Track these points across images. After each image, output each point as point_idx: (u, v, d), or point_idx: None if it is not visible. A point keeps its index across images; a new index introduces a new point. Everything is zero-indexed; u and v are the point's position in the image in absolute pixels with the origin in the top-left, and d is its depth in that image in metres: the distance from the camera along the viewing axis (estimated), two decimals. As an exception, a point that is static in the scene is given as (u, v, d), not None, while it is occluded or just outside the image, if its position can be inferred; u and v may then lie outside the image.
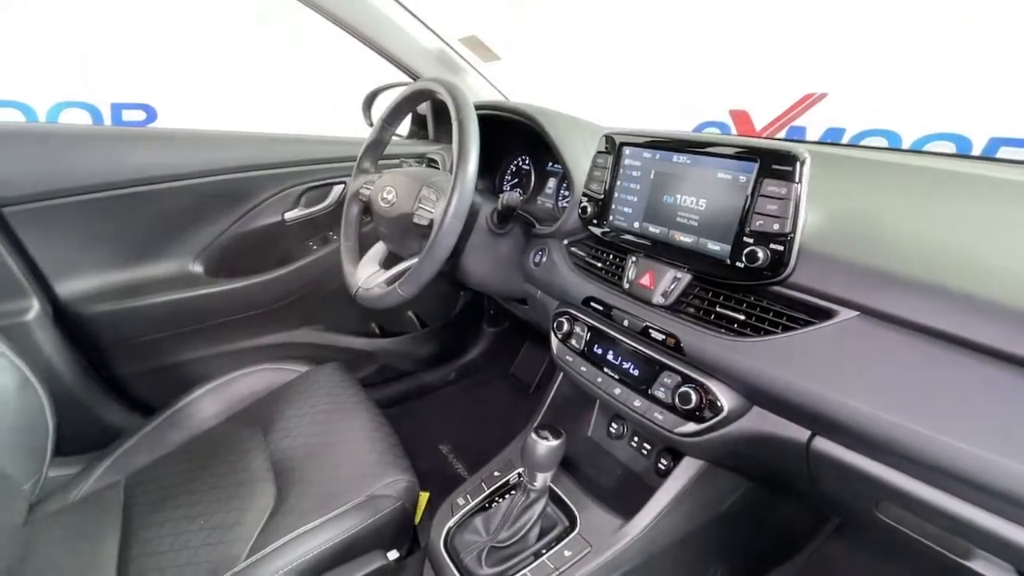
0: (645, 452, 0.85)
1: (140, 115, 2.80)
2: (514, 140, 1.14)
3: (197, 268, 1.14)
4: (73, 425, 0.89)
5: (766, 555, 0.93)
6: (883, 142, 2.37)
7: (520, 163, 1.18)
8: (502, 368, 1.66)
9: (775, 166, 0.55)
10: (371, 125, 1.30)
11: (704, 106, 3.04)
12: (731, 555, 0.85)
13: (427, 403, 1.53)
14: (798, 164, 0.53)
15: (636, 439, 0.86)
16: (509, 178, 1.22)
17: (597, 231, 0.76)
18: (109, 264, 1.05)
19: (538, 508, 0.68)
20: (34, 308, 0.94)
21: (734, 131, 3.08)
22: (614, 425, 0.89)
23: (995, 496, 0.42)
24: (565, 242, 0.86)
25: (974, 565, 0.48)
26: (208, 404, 1.03)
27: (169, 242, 1.10)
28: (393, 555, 0.73)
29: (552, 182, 1.12)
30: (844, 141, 2.70)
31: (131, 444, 0.97)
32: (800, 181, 0.53)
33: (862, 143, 2.33)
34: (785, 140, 1.21)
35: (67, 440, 0.86)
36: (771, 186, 0.55)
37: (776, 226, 0.55)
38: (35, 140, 0.95)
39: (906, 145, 2.31)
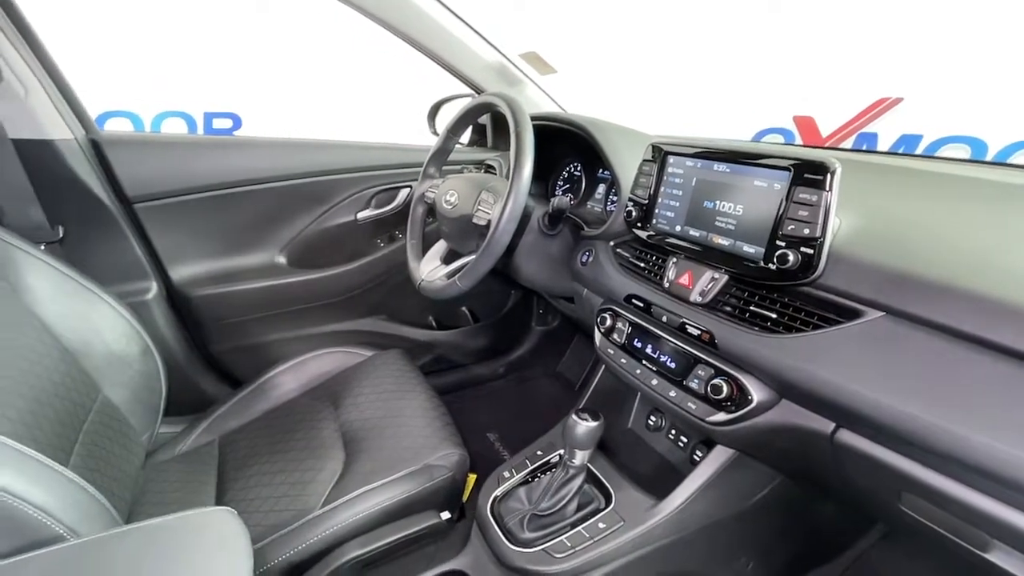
0: (681, 444, 0.89)
1: (228, 123, 3.13)
2: (567, 148, 1.21)
3: (281, 260, 1.29)
4: (178, 391, 1.05)
5: (802, 555, 0.94)
6: (965, 151, 2.25)
7: (572, 170, 1.25)
8: (549, 366, 1.72)
9: (807, 175, 0.59)
10: (435, 134, 1.42)
11: (765, 112, 2.97)
12: (764, 549, 0.87)
13: (477, 393, 1.62)
14: (829, 174, 0.57)
15: (673, 432, 0.91)
16: (562, 184, 1.29)
17: (641, 234, 0.82)
18: (211, 253, 1.21)
19: (576, 483, 0.75)
20: (153, 289, 1.11)
21: (798, 138, 3.00)
22: (652, 418, 0.94)
23: (1009, 486, 0.44)
24: (611, 243, 0.92)
25: (991, 556, 0.50)
26: (287, 380, 1.17)
27: (259, 236, 1.26)
28: (445, 515, 0.82)
29: (602, 188, 1.18)
30: (921, 149, 2.57)
31: (223, 410, 1.12)
32: (830, 189, 0.57)
33: (934, 154, 2.22)
34: (817, 148, 1.21)
35: (173, 403, 1.01)
36: (803, 193, 0.59)
37: (807, 231, 0.59)
38: (161, 148, 1.12)
39: (992, 154, 2.18)
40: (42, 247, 0.87)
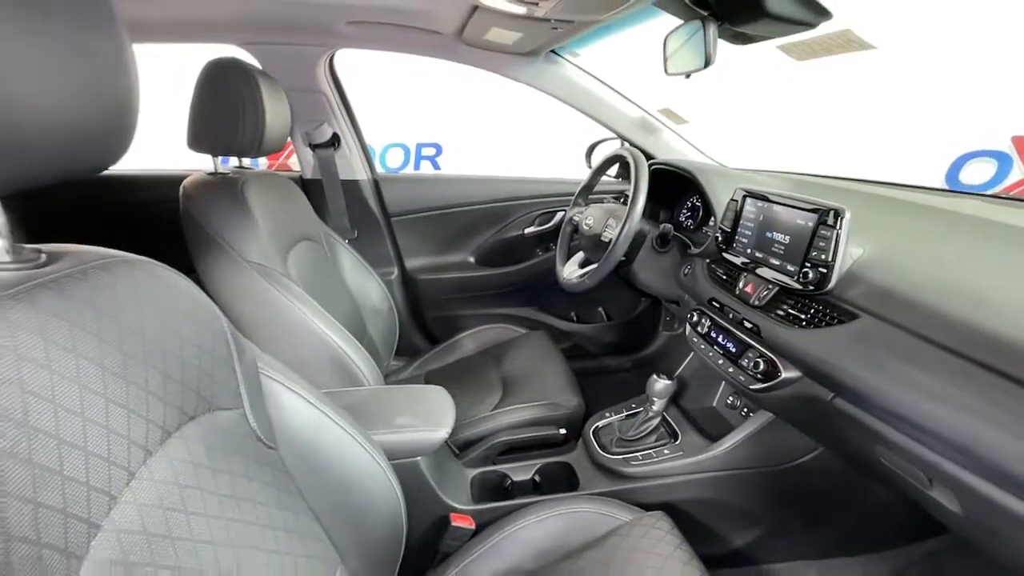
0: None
1: (432, 151, 4.02)
2: (689, 186, 1.51)
3: (471, 259, 1.83)
4: (403, 340, 1.63)
5: (856, 531, 1.08)
6: None
7: (694, 201, 1.54)
8: (672, 367, 1.97)
9: (826, 218, 0.84)
10: (589, 167, 1.83)
11: (974, 132, 2.73)
12: (813, 511, 1.06)
13: (604, 381, 1.96)
14: (839, 218, 0.82)
15: (746, 410, 1.15)
16: (686, 212, 1.58)
17: (729, 258, 1.10)
18: (430, 252, 1.80)
19: (654, 423, 1.07)
20: (396, 273, 1.73)
21: (1017, 162, 2.69)
22: (731, 398, 1.20)
23: (944, 442, 0.64)
24: (706, 261, 1.21)
25: (933, 493, 0.70)
26: (469, 342, 1.69)
27: (459, 242, 1.81)
28: (562, 432, 1.21)
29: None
30: None
31: (428, 356, 1.67)
32: (840, 228, 0.82)
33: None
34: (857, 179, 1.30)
35: (399, 347, 1.59)
36: (822, 230, 0.85)
37: (823, 256, 0.84)
38: (408, 182, 1.74)
39: None
40: (346, 242, 1.50)
